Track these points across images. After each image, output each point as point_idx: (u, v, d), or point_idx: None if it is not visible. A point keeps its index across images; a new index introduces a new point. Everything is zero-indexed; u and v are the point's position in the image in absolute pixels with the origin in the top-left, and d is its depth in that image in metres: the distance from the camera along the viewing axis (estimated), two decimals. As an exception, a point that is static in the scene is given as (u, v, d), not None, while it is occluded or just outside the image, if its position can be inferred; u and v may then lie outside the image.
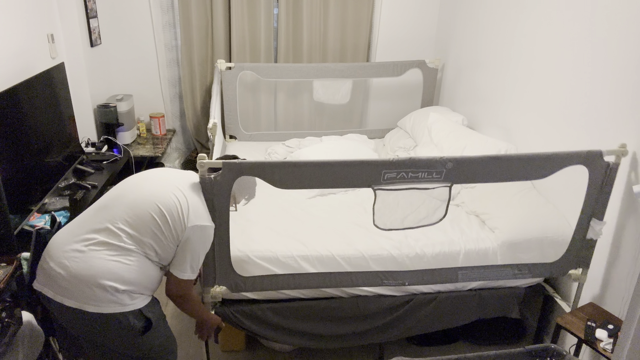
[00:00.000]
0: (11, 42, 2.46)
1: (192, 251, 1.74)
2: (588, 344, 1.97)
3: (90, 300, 1.63)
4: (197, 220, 1.73)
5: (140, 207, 1.69)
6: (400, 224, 2.02)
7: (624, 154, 2.00)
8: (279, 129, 4.11)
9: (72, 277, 1.63)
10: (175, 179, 1.80)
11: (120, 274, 1.65)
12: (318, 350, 2.63)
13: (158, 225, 1.68)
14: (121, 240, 1.67)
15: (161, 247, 1.72)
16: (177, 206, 1.70)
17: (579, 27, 2.38)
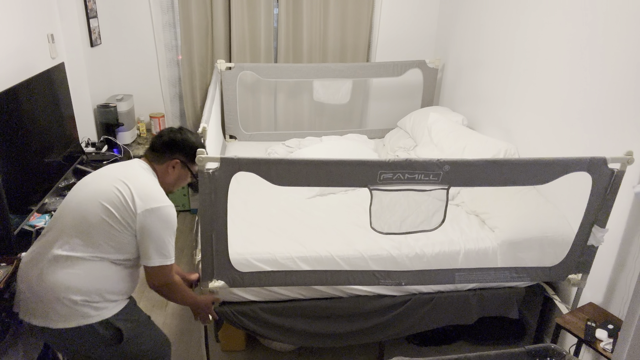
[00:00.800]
0: (11, 42, 2.46)
1: (152, 236, 1.68)
2: (588, 344, 1.97)
3: (53, 316, 1.61)
4: (146, 204, 1.67)
5: (85, 210, 1.65)
6: (398, 228, 2.00)
7: (629, 162, 1.93)
8: (279, 129, 4.11)
9: (33, 296, 1.62)
10: (115, 172, 1.77)
11: (73, 285, 1.61)
12: (318, 350, 2.63)
13: (107, 223, 1.64)
14: (73, 249, 1.63)
15: (119, 244, 1.67)
16: (120, 197, 1.65)
17: (579, 27, 2.38)
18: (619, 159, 1.93)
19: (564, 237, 2.27)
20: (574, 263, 2.20)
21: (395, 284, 2.21)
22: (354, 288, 2.29)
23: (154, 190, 1.74)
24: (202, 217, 1.93)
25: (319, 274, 2.16)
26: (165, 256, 1.72)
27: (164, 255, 1.71)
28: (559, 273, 2.24)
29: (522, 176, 1.93)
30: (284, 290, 2.26)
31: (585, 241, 2.13)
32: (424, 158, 1.86)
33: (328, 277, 2.17)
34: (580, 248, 2.16)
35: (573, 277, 2.24)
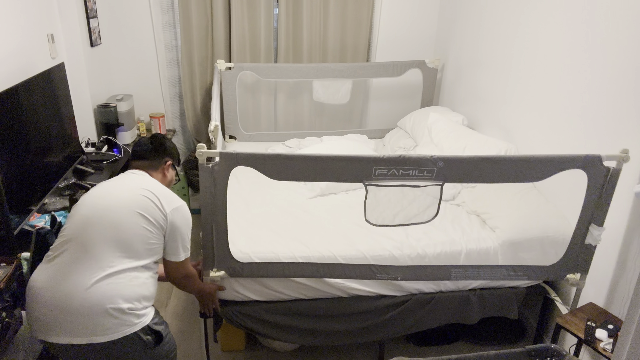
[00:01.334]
0: (11, 42, 2.46)
1: (179, 232, 1.83)
2: (588, 344, 1.97)
3: (99, 331, 1.62)
4: (172, 204, 1.82)
5: (121, 222, 1.71)
6: (391, 221, 2.03)
7: (625, 160, 1.93)
8: (279, 129, 4.11)
9: (70, 315, 1.61)
10: (130, 183, 1.86)
11: (119, 295, 1.65)
12: (318, 350, 2.63)
13: (146, 229, 1.74)
14: (113, 263, 1.67)
15: (153, 247, 1.77)
16: (150, 202, 1.77)
17: (580, 27, 2.38)
18: (614, 156, 1.93)
19: (565, 237, 2.27)
20: (572, 262, 2.20)
21: (391, 279, 2.21)
22: (355, 288, 2.29)
23: (169, 191, 1.88)
24: (203, 209, 1.99)
25: (316, 267, 2.18)
26: (188, 250, 1.90)
27: (187, 249, 1.90)
28: (557, 272, 2.24)
29: (516, 173, 1.94)
30: (285, 290, 2.26)
31: (583, 240, 2.14)
32: (418, 154, 1.88)
33: (325, 270, 2.19)
34: (577, 247, 2.16)
35: (572, 277, 2.24)
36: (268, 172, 1.90)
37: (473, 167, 1.91)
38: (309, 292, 2.28)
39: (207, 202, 1.97)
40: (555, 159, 1.92)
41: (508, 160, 1.92)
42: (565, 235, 2.28)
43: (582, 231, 2.12)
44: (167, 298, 3.02)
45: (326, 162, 1.89)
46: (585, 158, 1.92)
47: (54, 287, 1.64)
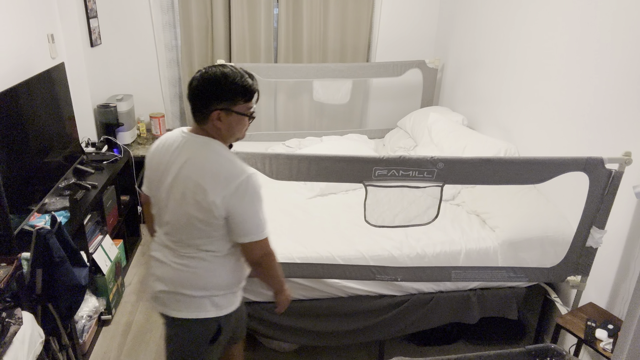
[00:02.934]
0: (11, 42, 2.46)
1: (247, 211, 1.52)
2: (588, 344, 1.97)
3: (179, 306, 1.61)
4: (225, 188, 1.48)
5: (182, 217, 1.55)
6: (391, 222, 2.02)
7: (627, 162, 1.92)
8: (279, 129, 4.11)
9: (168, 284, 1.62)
10: (183, 169, 1.55)
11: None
12: (318, 350, 2.63)
13: (201, 222, 1.53)
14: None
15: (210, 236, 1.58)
16: (202, 198, 1.50)
17: (580, 27, 2.38)
18: (616, 159, 1.92)
19: (565, 237, 2.27)
20: (573, 264, 2.20)
21: (391, 280, 2.21)
22: (355, 288, 2.29)
23: (217, 168, 1.50)
24: None
25: (315, 267, 2.18)
26: (265, 225, 1.58)
27: (262, 226, 1.57)
28: (557, 274, 2.24)
29: (517, 175, 1.93)
30: (284, 290, 2.26)
31: (584, 242, 2.13)
32: (418, 155, 1.88)
33: (325, 270, 2.18)
34: (578, 249, 2.15)
35: (572, 279, 2.24)
36: (268, 172, 1.91)
37: (473, 169, 1.91)
38: (308, 293, 2.28)
39: None
40: (556, 161, 1.91)
41: (509, 162, 1.91)
42: (565, 235, 2.28)
43: (583, 233, 2.11)
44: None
45: (326, 163, 1.89)
46: (587, 161, 1.91)
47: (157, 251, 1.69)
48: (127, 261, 3.30)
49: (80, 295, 2.10)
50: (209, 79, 1.51)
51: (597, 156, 1.92)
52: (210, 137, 1.55)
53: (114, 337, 2.68)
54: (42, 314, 1.98)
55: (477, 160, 1.89)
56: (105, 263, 2.71)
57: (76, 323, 2.39)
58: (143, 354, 2.58)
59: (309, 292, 2.28)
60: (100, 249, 2.69)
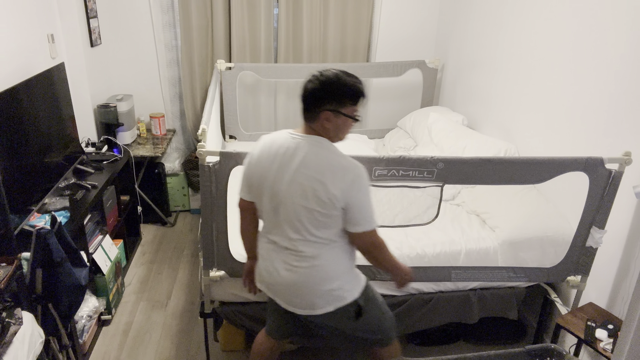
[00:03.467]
0: (11, 42, 2.46)
1: (362, 201, 1.63)
2: (588, 344, 1.97)
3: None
4: (340, 182, 1.58)
5: (297, 209, 1.63)
6: (391, 222, 2.02)
7: (627, 162, 1.92)
8: (279, 129, 4.07)
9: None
10: (296, 166, 1.64)
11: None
12: (318, 350, 2.63)
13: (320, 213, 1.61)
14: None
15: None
16: (319, 193, 1.59)
17: (581, 27, 2.38)
18: (616, 159, 1.92)
19: (565, 237, 2.27)
20: (573, 264, 2.20)
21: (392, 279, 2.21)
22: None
23: (335, 161, 1.62)
24: (203, 209, 1.99)
25: None
26: (374, 218, 1.68)
27: (373, 218, 1.67)
28: (557, 274, 2.24)
29: (517, 175, 1.93)
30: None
31: (584, 242, 2.13)
32: (418, 155, 1.87)
33: None
34: (578, 249, 2.15)
35: (572, 279, 2.24)
36: None
37: (473, 169, 1.91)
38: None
39: (207, 202, 1.97)
40: (556, 161, 1.91)
41: (509, 162, 1.91)
42: (565, 235, 2.28)
43: (583, 233, 2.11)
44: (167, 298, 3.02)
45: None
46: (586, 161, 1.91)
47: (268, 250, 1.80)
48: (127, 261, 3.30)
49: (80, 295, 2.10)
50: (324, 81, 1.61)
51: (597, 156, 1.92)
52: (319, 136, 1.66)
53: (114, 337, 2.68)
54: (42, 314, 1.97)
55: (477, 160, 1.89)
56: (105, 263, 2.71)
57: (76, 323, 2.39)
58: (143, 354, 2.58)
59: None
60: (100, 249, 2.69)
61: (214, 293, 2.21)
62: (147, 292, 3.07)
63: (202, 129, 2.47)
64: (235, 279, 2.18)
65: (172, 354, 2.58)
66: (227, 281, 2.18)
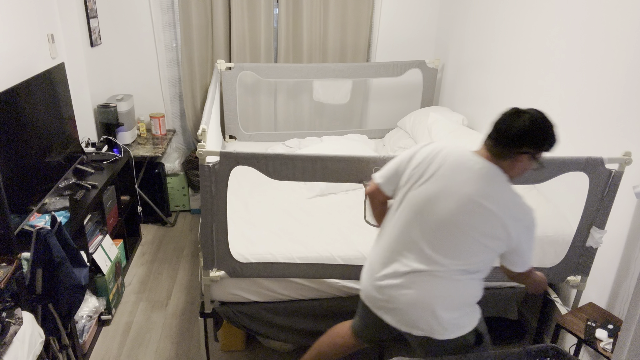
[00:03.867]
0: (11, 42, 2.46)
1: (529, 245, 1.64)
2: (588, 344, 1.97)
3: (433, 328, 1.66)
4: (518, 223, 1.58)
5: (458, 234, 1.61)
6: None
7: (627, 162, 1.92)
8: (279, 129, 4.11)
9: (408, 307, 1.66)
10: (468, 186, 1.59)
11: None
12: (318, 350, 2.63)
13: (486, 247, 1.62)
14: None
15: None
16: (492, 224, 1.58)
17: (581, 27, 2.38)
18: (616, 159, 1.92)
19: (565, 237, 2.27)
20: (573, 264, 2.20)
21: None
22: (355, 288, 2.29)
23: (516, 202, 1.58)
24: (203, 208, 1.99)
25: (316, 267, 2.19)
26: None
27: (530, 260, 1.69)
28: (557, 274, 2.23)
29: None
30: (284, 291, 2.26)
31: (584, 242, 2.13)
32: None
33: (325, 270, 2.19)
34: (578, 249, 2.15)
35: (572, 279, 2.24)
36: (268, 172, 1.92)
37: None
38: (307, 293, 2.28)
39: (207, 202, 1.97)
40: (556, 161, 1.91)
41: None
42: (565, 235, 2.28)
43: (583, 233, 2.11)
44: (167, 298, 3.02)
45: (326, 162, 1.90)
46: (587, 160, 1.92)
47: (381, 264, 1.77)
48: (127, 261, 3.30)
49: (80, 295, 2.10)
50: (535, 121, 1.53)
51: (597, 156, 1.92)
52: (501, 169, 1.59)
53: (114, 337, 2.68)
54: (42, 314, 1.98)
55: None
56: (105, 263, 2.71)
57: (76, 323, 2.39)
58: (143, 354, 2.58)
59: (309, 292, 2.28)
60: (100, 249, 2.69)
61: (214, 293, 2.21)
62: (147, 292, 3.07)
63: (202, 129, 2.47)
64: (235, 279, 2.18)
65: (172, 354, 2.58)
66: (227, 281, 2.18)
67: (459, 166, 1.60)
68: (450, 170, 1.60)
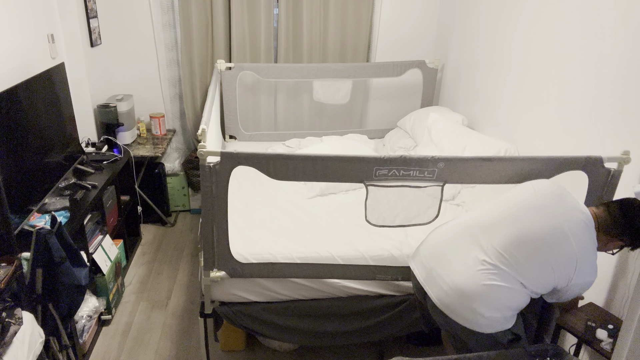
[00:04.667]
0: (11, 42, 2.46)
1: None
2: (588, 344, 1.97)
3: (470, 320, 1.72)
4: (580, 276, 1.77)
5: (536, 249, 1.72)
6: (391, 221, 2.03)
7: (626, 161, 1.92)
8: (279, 129, 4.11)
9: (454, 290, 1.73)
10: (562, 221, 1.75)
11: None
12: (318, 350, 2.63)
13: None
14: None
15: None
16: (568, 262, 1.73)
17: (578, 27, 2.38)
18: (615, 158, 1.93)
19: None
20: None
21: (392, 279, 2.22)
22: (354, 288, 2.29)
23: (591, 253, 1.74)
24: (203, 209, 1.98)
25: (316, 267, 2.18)
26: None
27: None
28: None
29: (517, 174, 1.93)
30: (284, 291, 2.26)
31: None
32: (419, 155, 1.88)
33: (326, 270, 2.19)
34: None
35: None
36: (269, 172, 1.90)
37: (474, 168, 1.91)
38: (307, 293, 2.28)
39: (207, 202, 1.97)
40: (556, 160, 1.92)
41: (508, 161, 1.92)
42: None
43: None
44: (167, 298, 3.02)
45: (327, 162, 1.89)
46: (586, 159, 1.92)
47: (450, 250, 1.87)
48: (127, 261, 3.30)
49: (80, 295, 2.10)
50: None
51: (596, 155, 1.93)
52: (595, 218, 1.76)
53: (114, 337, 2.68)
54: (42, 314, 1.98)
55: (477, 159, 1.89)
56: (105, 263, 2.71)
57: (76, 323, 2.39)
58: (143, 354, 2.58)
59: (309, 292, 2.28)
60: (100, 249, 2.69)
61: (214, 293, 2.21)
62: (147, 292, 3.07)
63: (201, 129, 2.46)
64: (235, 279, 2.19)
65: (172, 354, 2.58)
66: (227, 281, 2.18)
67: (566, 206, 1.79)
68: (551, 202, 1.79)
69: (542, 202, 1.77)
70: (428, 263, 1.86)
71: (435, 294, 1.79)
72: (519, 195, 1.84)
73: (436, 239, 1.91)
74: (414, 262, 1.95)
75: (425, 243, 1.94)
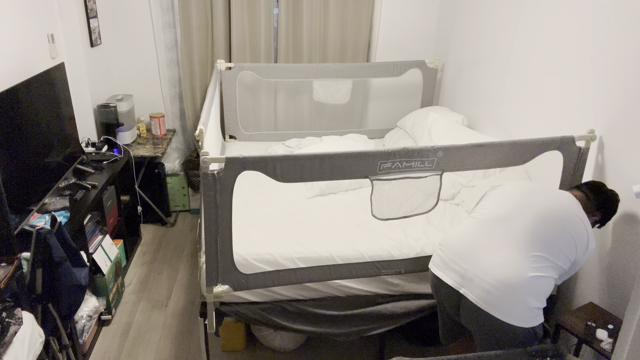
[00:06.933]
0: (11, 42, 2.46)
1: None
2: (588, 344, 1.97)
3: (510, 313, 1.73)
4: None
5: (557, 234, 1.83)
6: (396, 213, 2.09)
7: (592, 139, 2.15)
8: (279, 129, 4.11)
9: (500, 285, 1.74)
10: (562, 211, 1.88)
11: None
12: (318, 350, 2.63)
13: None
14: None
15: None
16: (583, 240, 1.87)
17: (577, 26, 2.38)
18: (584, 136, 2.16)
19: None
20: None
21: (395, 273, 2.25)
22: (354, 288, 2.29)
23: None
24: (206, 219, 1.89)
25: (323, 270, 2.17)
26: None
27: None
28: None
29: (506, 157, 2.10)
30: (284, 291, 2.26)
31: None
32: (420, 145, 1.98)
33: (332, 272, 2.18)
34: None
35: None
36: (276, 174, 1.85)
37: (468, 154, 2.03)
38: (307, 293, 2.28)
39: (210, 212, 1.87)
40: (536, 142, 2.10)
41: (497, 146, 2.06)
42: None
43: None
44: (167, 298, 3.02)
45: (335, 160, 1.87)
46: (561, 139, 2.13)
47: (483, 246, 1.91)
48: (127, 261, 3.31)
49: (80, 295, 2.10)
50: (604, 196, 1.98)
51: (568, 135, 2.14)
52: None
53: (114, 337, 2.68)
54: (42, 314, 1.98)
55: (470, 146, 2.03)
56: (105, 263, 2.71)
57: (76, 323, 2.39)
58: (143, 354, 2.58)
59: (309, 292, 2.28)
60: (100, 249, 2.69)
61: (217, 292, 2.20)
62: (147, 292, 3.07)
63: (199, 129, 2.44)
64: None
65: (172, 354, 2.58)
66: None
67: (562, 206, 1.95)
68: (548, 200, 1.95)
69: (538, 187, 1.98)
70: (459, 267, 1.86)
71: (476, 294, 1.78)
72: (517, 188, 1.99)
73: (456, 242, 1.92)
74: (439, 271, 1.94)
75: (445, 250, 1.94)
